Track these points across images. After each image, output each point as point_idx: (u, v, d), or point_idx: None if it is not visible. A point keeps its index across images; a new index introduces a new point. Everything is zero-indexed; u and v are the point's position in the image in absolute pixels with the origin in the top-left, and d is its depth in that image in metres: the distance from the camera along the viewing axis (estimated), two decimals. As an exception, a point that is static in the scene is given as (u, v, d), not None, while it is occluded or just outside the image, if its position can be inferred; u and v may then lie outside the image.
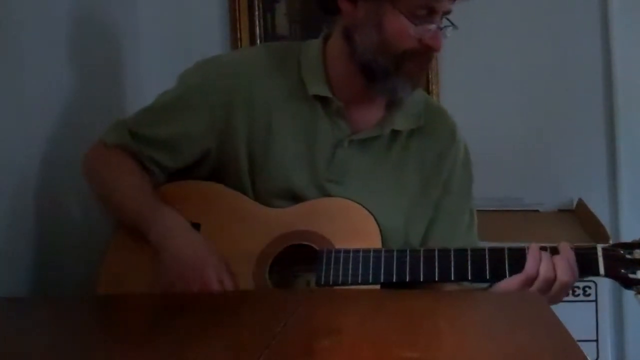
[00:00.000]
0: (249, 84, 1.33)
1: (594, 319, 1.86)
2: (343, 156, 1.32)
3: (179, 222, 1.27)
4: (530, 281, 1.17)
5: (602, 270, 1.18)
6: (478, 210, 1.44)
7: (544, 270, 1.17)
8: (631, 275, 1.17)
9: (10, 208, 1.35)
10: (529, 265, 1.18)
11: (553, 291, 1.17)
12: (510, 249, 1.20)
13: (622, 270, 1.18)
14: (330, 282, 1.22)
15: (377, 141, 1.34)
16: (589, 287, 1.86)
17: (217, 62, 1.39)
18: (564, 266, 1.17)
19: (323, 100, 1.32)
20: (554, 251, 1.19)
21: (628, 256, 1.18)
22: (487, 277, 1.20)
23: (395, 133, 1.35)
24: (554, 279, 1.17)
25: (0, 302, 1.23)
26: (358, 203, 1.27)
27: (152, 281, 1.24)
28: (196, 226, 1.28)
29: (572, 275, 1.17)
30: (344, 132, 1.33)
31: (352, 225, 1.26)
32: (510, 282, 1.18)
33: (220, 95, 1.33)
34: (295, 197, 1.31)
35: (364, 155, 1.33)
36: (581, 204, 2.04)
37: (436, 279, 1.21)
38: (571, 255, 1.18)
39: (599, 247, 1.19)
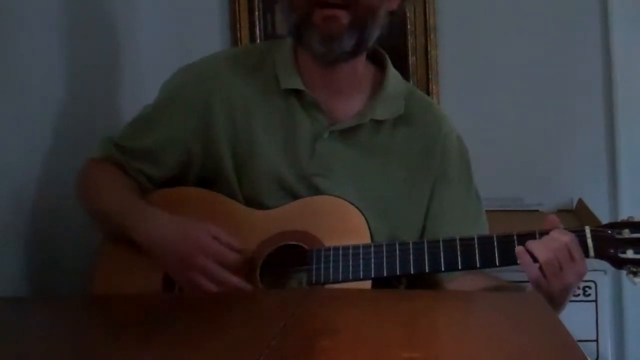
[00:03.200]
0: (225, 85, 1.34)
1: (594, 319, 1.86)
2: (324, 148, 1.32)
3: (160, 214, 1.26)
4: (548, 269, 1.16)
5: (592, 251, 1.17)
6: (478, 210, 1.44)
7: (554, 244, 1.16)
8: (621, 255, 1.17)
9: (9, 209, 1.35)
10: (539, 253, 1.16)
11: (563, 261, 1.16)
12: (499, 236, 1.20)
13: (612, 251, 1.17)
14: (322, 281, 1.22)
15: (360, 132, 1.34)
16: (589, 287, 1.86)
17: (192, 66, 1.40)
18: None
19: (297, 94, 1.33)
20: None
21: (617, 236, 1.18)
22: (478, 266, 1.20)
23: (378, 123, 1.34)
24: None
25: (0, 302, 1.23)
26: (345, 199, 1.27)
27: (146, 285, 1.24)
28: None
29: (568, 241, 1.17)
30: (322, 124, 1.33)
31: (340, 222, 1.26)
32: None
33: (197, 98, 1.34)
34: (285, 194, 1.31)
35: (347, 146, 1.33)
36: (581, 204, 2.04)
37: (427, 270, 1.21)
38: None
39: (588, 228, 1.19)
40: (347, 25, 1.24)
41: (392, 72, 1.39)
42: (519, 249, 1.18)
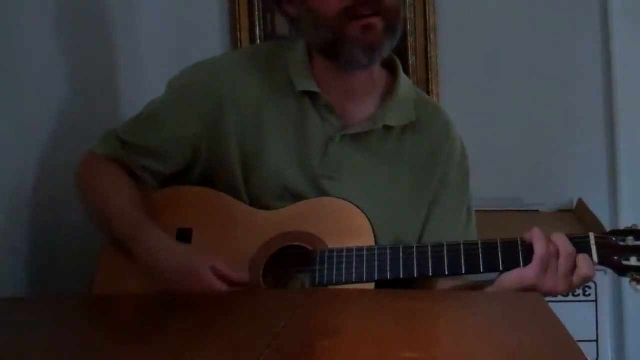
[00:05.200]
0: (237, 84, 1.33)
1: (594, 319, 1.86)
2: (336, 151, 1.32)
3: (162, 238, 1.24)
4: (546, 263, 1.16)
5: (595, 258, 1.17)
6: (478, 210, 1.44)
7: (562, 244, 1.16)
8: (625, 263, 1.17)
9: (9, 209, 1.35)
10: (538, 246, 1.16)
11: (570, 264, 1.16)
12: (503, 241, 1.20)
13: (616, 258, 1.17)
14: (325, 282, 1.22)
15: (371, 136, 1.34)
16: (589, 287, 1.86)
17: (203, 65, 1.39)
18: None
19: (311, 96, 1.32)
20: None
21: (621, 243, 1.18)
22: (481, 271, 1.20)
23: (388, 129, 1.34)
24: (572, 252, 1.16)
25: (0, 302, 1.23)
26: (350, 202, 1.27)
27: (147, 285, 1.24)
28: (188, 231, 1.28)
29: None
30: (335, 127, 1.32)
31: (344, 224, 1.26)
32: (523, 272, 1.17)
33: (208, 96, 1.33)
34: (291, 195, 1.30)
35: (357, 150, 1.33)
36: (581, 204, 2.04)
37: (430, 274, 1.21)
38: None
39: (592, 235, 1.19)
40: (383, 32, 1.25)
41: (404, 78, 1.39)
42: (535, 234, 1.18)
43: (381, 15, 1.24)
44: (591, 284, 1.86)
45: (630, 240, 1.18)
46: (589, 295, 1.86)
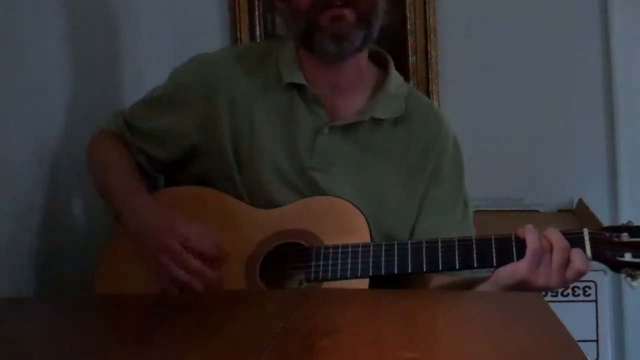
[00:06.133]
0: (228, 77, 1.36)
1: (594, 319, 1.86)
2: (324, 143, 1.33)
3: (148, 204, 1.28)
4: (538, 257, 1.15)
5: (589, 253, 1.17)
6: (478, 210, 1.44)
7: (556, 239, 1.16)
8: (619, 258, 1.16)
9: (10, 208, 1.35)
10: (531, 241, 1.16)
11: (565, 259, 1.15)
12: (497, 237, 1.20)
13: (610, 254, 1.16)
14: (320, 278, 1.23)
15: (360, 129, 1.35)
16: (589, 287, 1.86)
17: (203, 57, 1.42)
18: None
19: (299, 89, 1.35)
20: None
21: (615, 239, 1.17)
22: (475, 266, 1.20)
23: (378, 121, 1.35)
24: (566, 247, 1.16)
25: (0, 302, 1.23)
26: (346, 200, 1.28)
27: (147, 285, 1.24)
28: None
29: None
30: (323, 119, 1.34)
31: (340, 222, 1.27)
32: (516, 266, 1.16)
33: (200, 92, 1.36)
34: (286, 186, 1.32)
35: (346, 142, 1.34)
36: (581, 204, 2.04)
37: (424, 270, 1.21)
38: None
39: (586, 231, 1.18)
40: (354, 22, 1.27)
41: (394, 74, 1.40)
42: (528, 229, 1.18)
43: (352, 7, 1.27)
44: (591, 284, 1.86)
45: (625, 237, 1.17)
46: (589, 295, 1.86)
